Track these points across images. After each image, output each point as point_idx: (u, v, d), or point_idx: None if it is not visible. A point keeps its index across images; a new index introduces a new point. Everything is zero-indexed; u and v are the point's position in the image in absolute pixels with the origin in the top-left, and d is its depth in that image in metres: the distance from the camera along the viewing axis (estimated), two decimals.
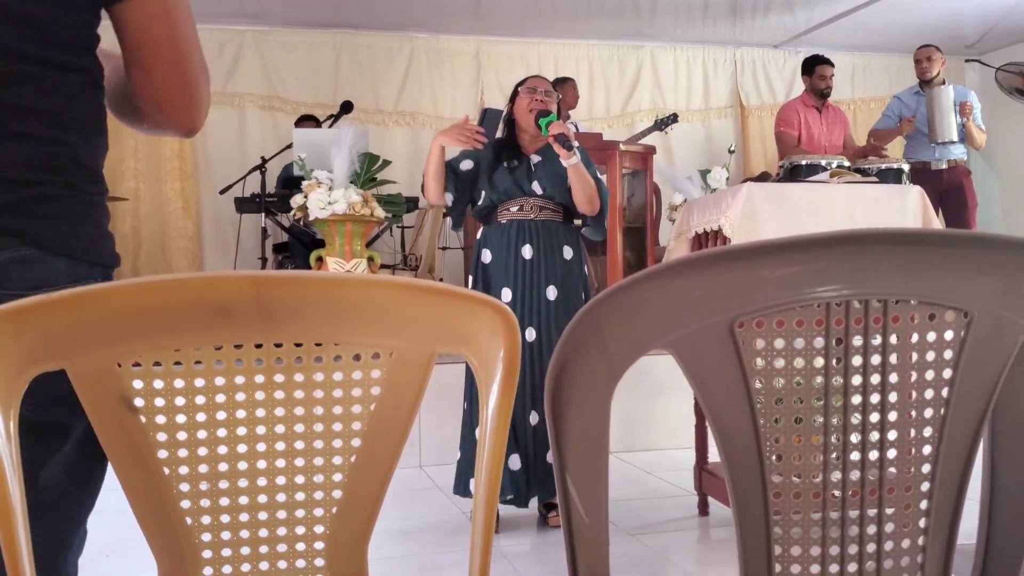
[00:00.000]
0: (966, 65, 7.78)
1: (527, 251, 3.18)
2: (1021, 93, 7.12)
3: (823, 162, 4.15)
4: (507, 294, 3.16)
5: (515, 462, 3.14)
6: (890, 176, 4.27)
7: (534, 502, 3.19)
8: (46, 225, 0.99)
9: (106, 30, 1.09)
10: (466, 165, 3.29)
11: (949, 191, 5.85)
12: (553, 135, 3.05)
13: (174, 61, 1.04)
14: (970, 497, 0.86)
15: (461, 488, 3.27)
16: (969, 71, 7.80)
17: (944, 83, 5.90)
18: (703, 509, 3.38)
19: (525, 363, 3.11)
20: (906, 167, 4.49)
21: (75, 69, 1.03)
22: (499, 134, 3.41)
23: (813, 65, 6.10)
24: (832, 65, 6.10)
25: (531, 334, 3.15)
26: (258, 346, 0.75)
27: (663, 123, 6.25)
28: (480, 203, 3.27)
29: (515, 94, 3.33)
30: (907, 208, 3.53)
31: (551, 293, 3.18)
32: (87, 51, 1.05)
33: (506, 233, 3.21)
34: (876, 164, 4.50)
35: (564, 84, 6.05)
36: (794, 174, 4.15)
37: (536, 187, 3.20)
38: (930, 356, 0.80)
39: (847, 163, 4.30)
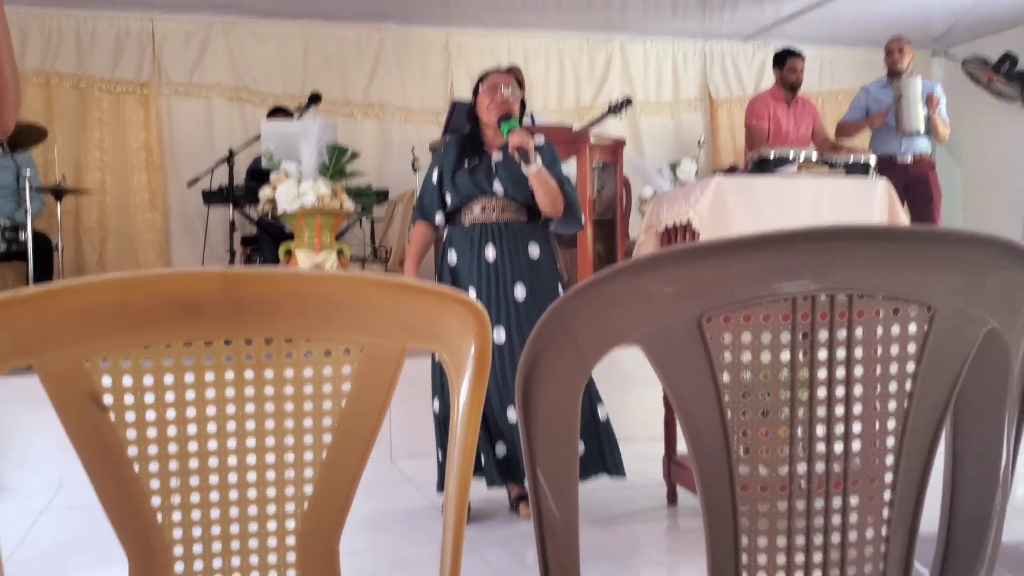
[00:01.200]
0: (933, 58, 7.88)
1: (490, 253, 3.18)
2: (985, 87, 7.24)
3: (791, 154, 4.19)
4: (473, 294, 3.16)
5: (501, 450, 3.16)
6: (857, 169, 4.32)
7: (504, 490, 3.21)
8: None
9: None
10: (435, 177, 3.30)
11: (914, 184, 5.93)
12: (513, 146, 3.04)
13: None
14: (934, 484, 0.88)
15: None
16: (935, 64, 7.90)
17: (913, 75, 5.97)
18: (671, 499, 3.42)
19: (495, 363, 3.11)
20: (873, 160, 4.55)
21: None
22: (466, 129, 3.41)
23: (784, 58, 6.15)
24: (803, 58, 6.15)
25: (500, 334, 3.14)
26: (228, 342, 0.75)
27: (617, 107, 6.24)
28: (446, 204, 3.27)
29: (477, 90, 3.32)
30: (874, 201, 3.58)
31: (519, 293, 3.17)
32: None
33: (469, 235, 3.21)
34: (843, 157, 4.55)
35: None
36: (762, 166, 4.19)
37: (497, 186, 3.19)
38: (894, 350, 0.82)
39: (815, 155, 4.35)
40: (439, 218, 3.30)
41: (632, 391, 4.59)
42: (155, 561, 0.77)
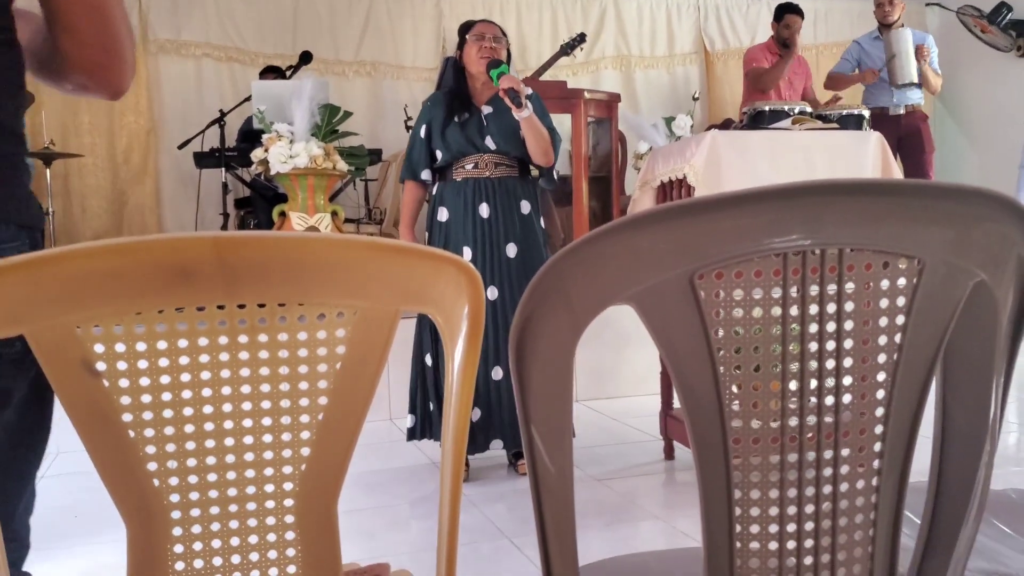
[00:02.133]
0: (926, 9, 7.80)
1: (484, 210, 3.17)
2: (978, 37, 7.18)
3: (786, 108, 4.17)
4: (468, 253, 3.16)
5: (475, 414, 3.17)
6: (851, 122, 4.30)
7: (496, 444, 3.22)
8: None
9: None
10: (423, 133, 3.27)
11: (907, 136, 5.91)
12: (503, 89, 3.03)
13: (99, 22, 1.01)
14: (924, 434, 0.89)
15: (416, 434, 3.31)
16: (929, 15, 7.82)
17: (903, 27, 5.92)
18: (668, 453, 3.45)
19: (487, 321, 3.12)
20: (867, 113, 4.53)
21: None
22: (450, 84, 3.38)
23: (783, 13, 6.09)
24: (801, 16, 6.06)
25: (493, 292, 3.15)
26: (221, 307, 0.75)
27: (570, 45, 6.15)
28: (435, 160, 3.25)
29: (463, 41, 3.29)
30: (867, 154, 3.57)
31: (511, 251, 3.18)
32: (1, 10, 1.02)
33: (462, 191, 3.19)
34: (837, 110, 4.53)
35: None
36: (757, 120, 4.16)
37: (489, 142, 3.18)
38: (884, 303, 0.82)
39: (809, 109, 4.32)
40: (427, 175, 3.29)
41: (629, 348, 4.62)
42: (153, 525, 0.77)
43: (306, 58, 6.24)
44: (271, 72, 6.21)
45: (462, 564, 1.26)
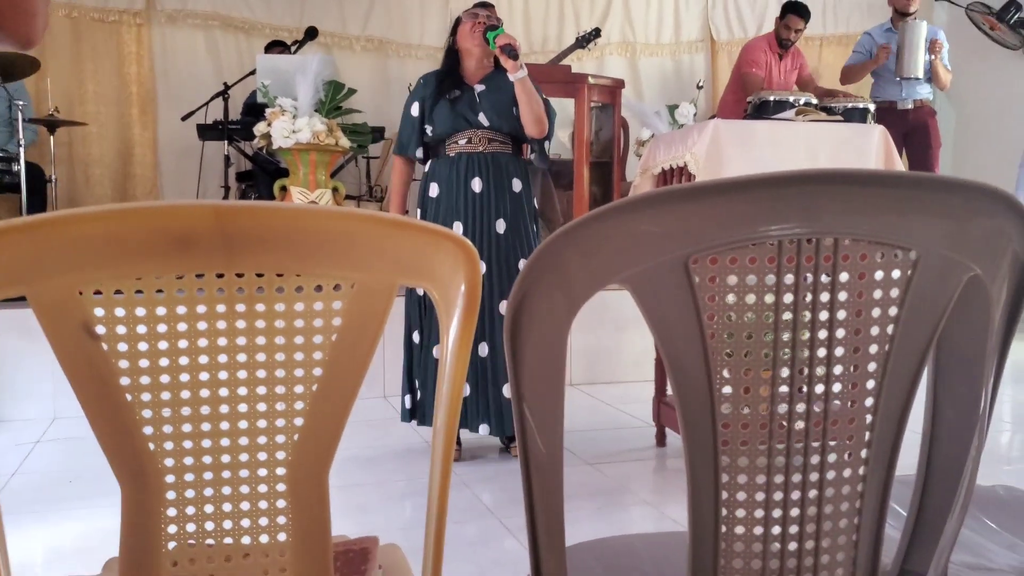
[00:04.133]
0: (936, 3, 7.77)
1: (477, 184, 3.18)
2: (986, 33, 7.15)
3: (791, 99, 4.16)
4: (459, 228, 3.17)
5: (464, 390, 3.17)
6: (855, 115, 4.29)
7: (484, 429, 3.23)
8: None
9: None
10: (415, 111, 3.28)
11: (914, 131, 5.89)
12: (500, 46, 3.04)
13: None
14: (913, 428, 0.90)
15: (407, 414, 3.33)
16: (938, 9, 7.79)
17: (917, 19, 5.88)
18: (661, 440, 3.47)
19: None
20: (871, 107, 4.52)
21: None
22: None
23: (785, 12, 6.04)
24: (804, 17, 5.99)
25: (481, 267, 3.17)
26: (220, 276, 0.76)
27: (584, 40, 6.14)
28: (426, 138, 3.27)
29: (457, 22, 3.30)
30: (870, 147, 3.56)
31: (500, 226, 3.19)
32: None
33: (455, 166, 3.20)
34: (842, 103, 4.52)
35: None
36: (762, 110, 4.15)
37: (483, 118, 3.18)
38: (877, 294, 0.83)
39: (814, 100, 4.31)
40: (419, 152, 3.29)
41: (624, 333, 4.63)
42: (147, 489, 0.78)
43: (311, 33, 6.21)
44: (277, 47, 6.19)
45: (450, 542, 1.27)
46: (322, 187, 4.63)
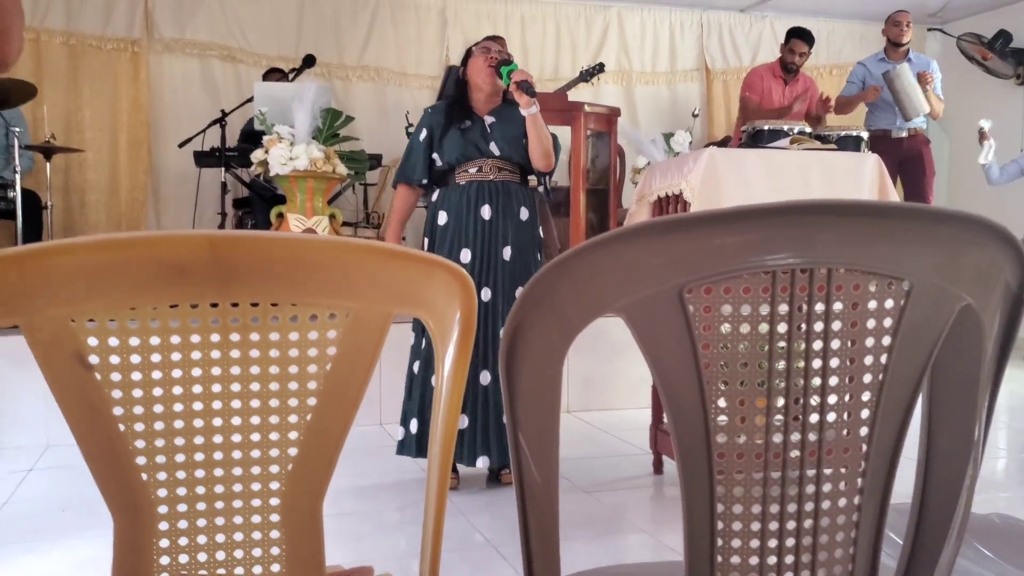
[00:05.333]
0: (928, 34, 7.85)
1: (486, 212, 3.19)
2: (979, 63, 7.22)
3: (785, 128, 4.18)
4: (466, 255, 3.17)
5: (463, 421, 3.15)
6: (849, 144, 4.31)
7: (483, 462, 3.18)
8: None
9: None
10: (423, 138, 3.29)
11: (909, 159, 5.93)
12: (516, 82, 3.06)
13: None
14: (909, 455, 0.90)
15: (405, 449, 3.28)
16: (931, 39, 7.87)
17: (908, 53, 5.95)
18: (658, 467, 3.46)
19: (479, 323, 3.12)
20: (865, 135, 4.55)
21: None
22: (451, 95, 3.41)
23: (790, 36, 6.11)
24: (807, 42, 6.06)
25: (486, 294, 3.16)
26: (214, 305, 0.76)
27: (589, 73, 6.19)
28: (436, 167, 3.27)
29: (468, 55, 3.32)
30: (864, 176, 3.59)
31: (507, 254, 3.20)
32: None
33: (465, 193, 3.21)
34: (836, 131, 4.55)
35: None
36: (756, 139, 4.18)
37: (493, 148, 3.20)
38: (871, 324, 0.83)
39: (808, 129, 4.34)
40: (425, 180, 3.29)
41: (621, 359, 4.63)
42: (140, 519, 0.78)
43: (309, 61, 6.25)
44: (275, 73, 6.22)
45: (446, 571, 1.26)
46: (319, 214, 4.64)
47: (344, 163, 4.61)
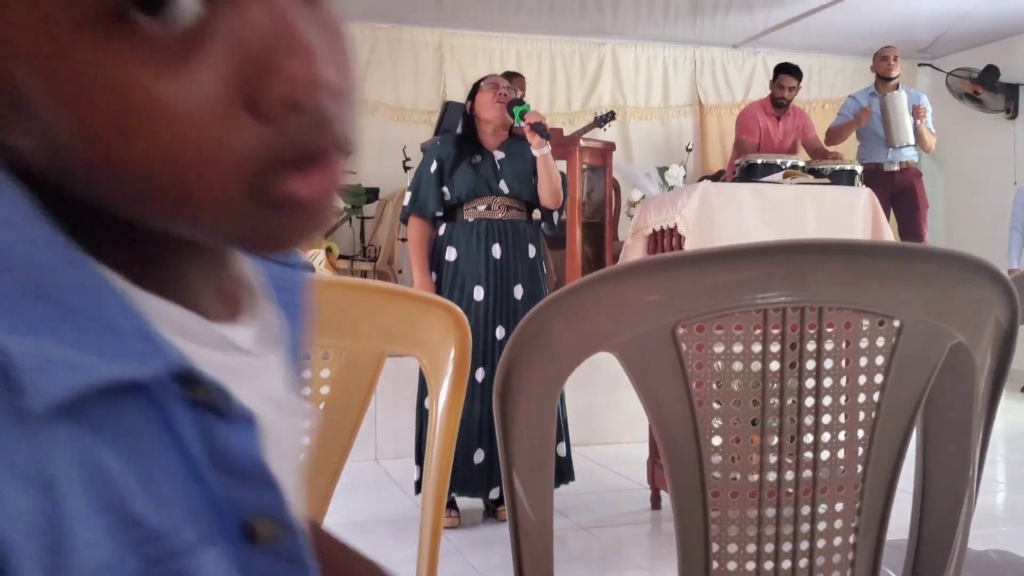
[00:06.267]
0: (918, 69, 7.94)
1: (496, 250, 3.19)
2: (970, 98, 7.30)
3: (778, 161, 4.22)
4: (479, 292, 3.16)
5: (479, 456, 3.14)
6: (843, 178, 4.35)
7: (495, 492, 3.18)
8: None
9: None
10: (434, 169, 3.27)
11: (901, 193, 5.96)
12: (529, 124, 3.07)
13: None
14: (905, 489, 0.90)
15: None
16: (921, 75, 7.96)
17: (898, 87, 6.01)
18: (655, 503, 3.44)
19: (496, 361, 3.12)
20: (859, 169, 4.59)
21: None
22: (458, 130, 3.42)
23: (777, 72, 6.16)
24: (795, 76, 6.11)
25: (501, 332, 3.16)
26: None
27: (602, 120, 6.24)
28: (442, 202, 3.26)
29: (476, 89, 3.33)
30: (857, 210, 3.61)
31: (518, 292, 3.20)
32: None
33: (475, 231, 3.20)
34: (829, 165, 4.59)
35: (515, 78, 6.03)
36: (750, 173, 4.21)
37: (503, 185, 3.21)
38: (863, 362, 0.83)
39: (801, 163, 4.38)
40: (440, 212, 3.26)
41: (617, 393, 4.61)
42: None
43: None
44: None
45: None
46: (316, 247, 4.66)
47: (341, 196, 4.64)
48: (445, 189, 3.22)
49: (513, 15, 6.88)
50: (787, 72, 6.11)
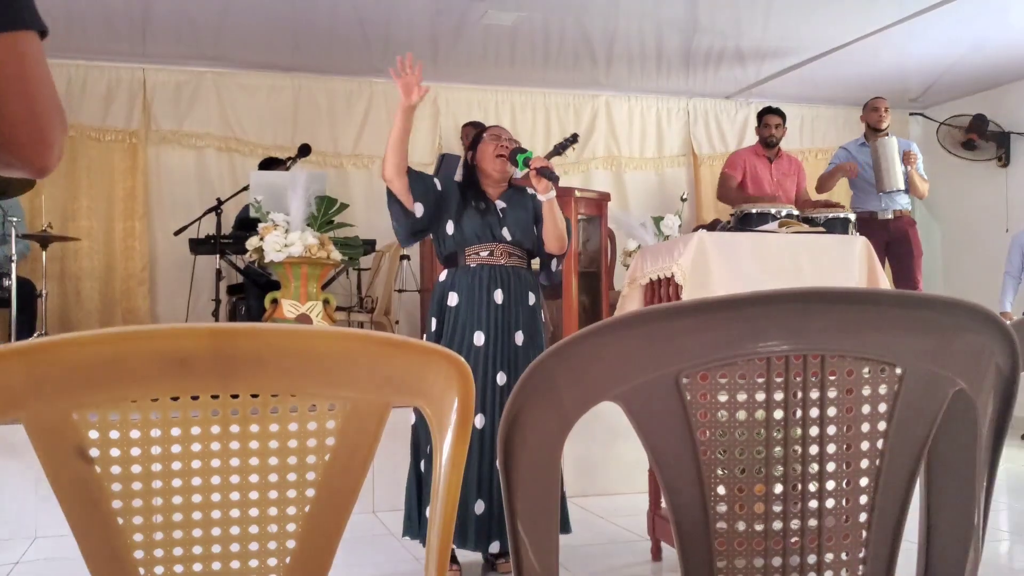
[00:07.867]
0: (910, 118, 8.04)
1: (499, 296, 3.19)
2: (963, 146, 7.39)
3: (773, 211, 4.26)
4: (480, 337, 3.15)
5: (479, 507, 3.10)
6: (837, 226, 4.39)
7: (495, 546, 3.14)
8: None
9: None
10: (439, 185, 3.31)
11: (895, 240, 6.01)
12: (535, 168, 3.10)
13: (24, 100, 1.05)
14: (910, 539, 0.89)
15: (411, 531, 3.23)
16: (913, 124, 8.06)
17: (888, 135, 6.09)
18: (656, 554, 3.40)
19: (496, 407, 3.11)
20: (853, 217, 4.63)
21: None
22: (458, 179, 3.45)
23: (761, 115, 6.34)
24: (778, 115, 6.29)
25: (502, 378, 3.15)
26: (215, 397, 0.76)
27: (561, 146, 6.27)
28: (446, 244, 3.29)
29: (477, 140, 3.37)
30: (853, 257, 3.63)
31: (519, 338, 3.20)
32: None
33: (476, 276, 3.21)
34: (824, 214, 4.63)
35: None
36: (745, 222, 4.25)
37: (506, 233, 3.24)
38: (866, 409, 0.84)
39: (796, 212, 4.42)
40: (420, 208, 3.26)
41: (617, 443, 4.59)
42: None
43: (304, 150, 6.36)
44: (272, 163, 6.32)
45: None
46: (313, 299, 4.66)
47: (338, 248, 4.65)
48: (453, 230, 3.25)
49: (507, 69, 6.98)
50: (770, 112, 6.28)
